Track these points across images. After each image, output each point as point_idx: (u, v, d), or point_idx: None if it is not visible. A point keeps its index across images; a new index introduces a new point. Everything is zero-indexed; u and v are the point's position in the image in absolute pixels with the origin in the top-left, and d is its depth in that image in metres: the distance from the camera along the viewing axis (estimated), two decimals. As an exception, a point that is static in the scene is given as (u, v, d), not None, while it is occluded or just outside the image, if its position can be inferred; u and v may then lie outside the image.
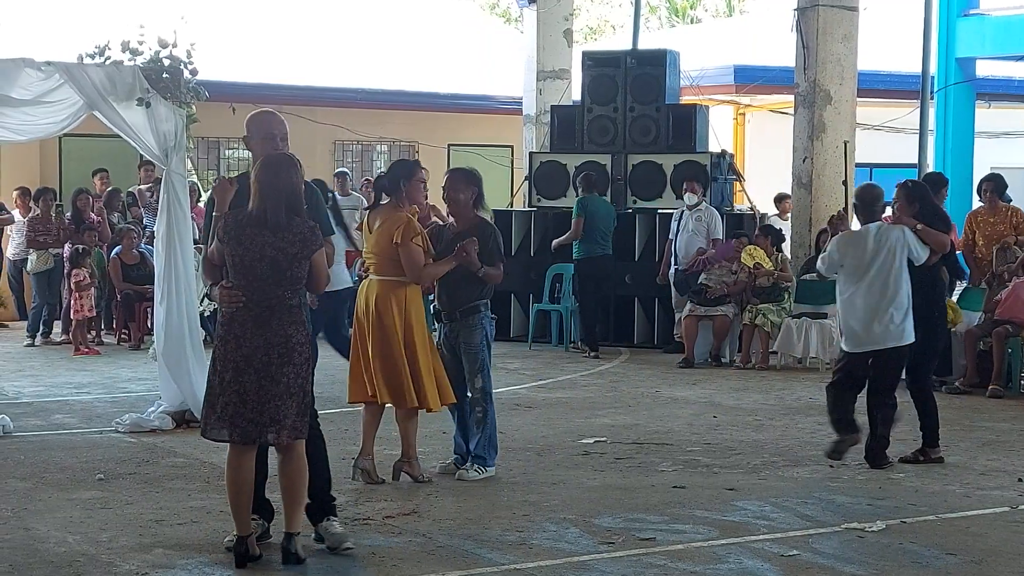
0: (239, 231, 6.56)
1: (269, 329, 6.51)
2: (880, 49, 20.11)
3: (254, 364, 6.51)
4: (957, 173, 19.72)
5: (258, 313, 6.53)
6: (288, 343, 6.52)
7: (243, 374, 6.52)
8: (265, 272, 6.52)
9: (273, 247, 6.50)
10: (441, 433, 10.03)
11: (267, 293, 6.53)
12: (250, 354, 6.52)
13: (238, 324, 6.56)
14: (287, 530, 6.64)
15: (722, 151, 16.73)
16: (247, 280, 6.55)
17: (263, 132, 7.07)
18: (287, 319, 6.54)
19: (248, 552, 6.60)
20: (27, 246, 16.71)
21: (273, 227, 6.50)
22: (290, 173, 6.56)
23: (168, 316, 10.46)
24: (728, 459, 9.49)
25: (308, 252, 6.55)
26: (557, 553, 6.95)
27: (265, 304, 6.53)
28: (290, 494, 6.63)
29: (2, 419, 10.21)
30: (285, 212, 6.50)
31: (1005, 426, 10.92)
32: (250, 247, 6.52)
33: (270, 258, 6.51)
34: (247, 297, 6.54)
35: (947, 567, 6.79)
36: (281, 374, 6.50)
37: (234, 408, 6.53)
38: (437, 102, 21.27)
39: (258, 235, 6.51)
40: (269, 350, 6.50)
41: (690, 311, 14.83)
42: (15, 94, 10.03)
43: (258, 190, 6.55)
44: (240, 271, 6.57)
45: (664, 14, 43.15)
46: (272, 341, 6.51)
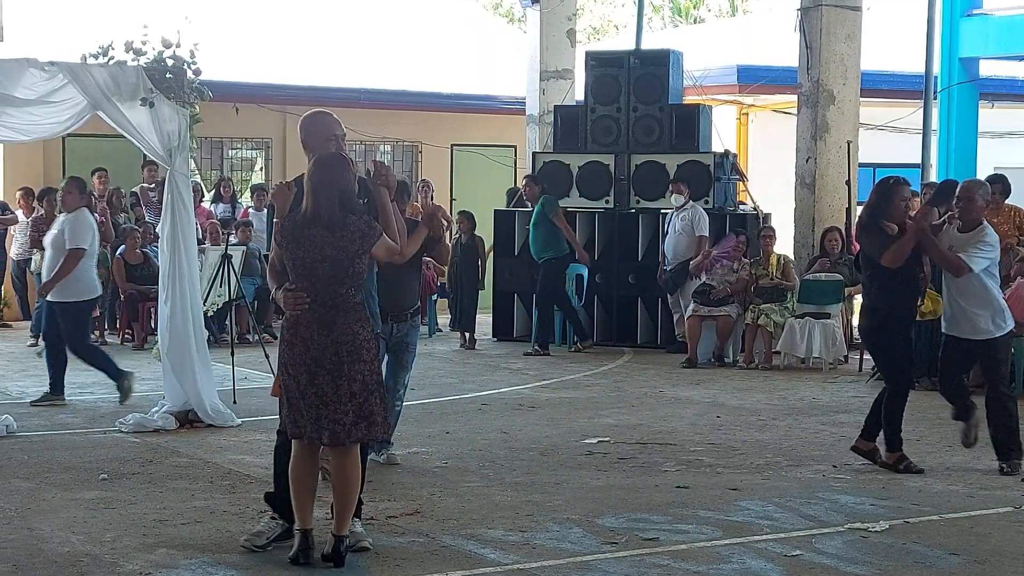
0: (297, 233, 6.58)
1: (336, 328, 6.51)
2: (883, 49, 20.10)
3: (325, 366, 6.51)
4: (960, 173, 19.63)
5: (323, 314, 6.53)
6: (356, 340, 6.53)
7: (316, 376, 6.52)
8: (327, 272, 6.53)
9: (332, 246, 6.51)
10: (444, 433, 10.06)
11: (331, 292, 6.54)
12: (319, 356, 6.51)
13: (304, 327, 6.55)
14: (337, 532, 6.61)
15: (725, 151, 16.71)
16: (310, 281, 6.56)
17: (325, 133, 7.00)
18: (352, 317, 6.55)
19: (312, 546, 6.60)
20: (31, 246, 16.71)
21: (329, 226, 6.51)
22: (342, 171, 6.59)
23: (172, 316, 10.48)
24: (731, 459, 9.49)
25: (367, 247, 6.56)
26: (560, 553, 6.95)
27: (330, 304, 6.54)
28: (342, 495, 6.62)
29: (6, 419, 10.22)
30: (340, 210, 6.52)
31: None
32: (310, 248, 6.54)
33: (331, 258, 6.52)
34: (311, 298, 6.54)
35: (951, 567, 6.78)
36: (355, 371, 6.51)
37: (317, 411, 6.53)
38: (440, 102, 21.26)
39: (316, 235, 6.52)
40: (338, 349, 6.50)
41: (694, 311, 14.83)
42: (19, 94, 10.04)
43: (311, 190, 6.58)
44: (302, 273, 6.59)
45: (667, 14, 43.11)
46: (340, 340, 6.51)
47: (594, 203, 16.52)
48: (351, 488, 6.63)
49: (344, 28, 22.59)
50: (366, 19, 23.25)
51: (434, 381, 13.29)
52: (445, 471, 8.89)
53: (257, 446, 9.68)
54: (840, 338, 14.34)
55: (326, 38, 21.95)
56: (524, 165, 19.71)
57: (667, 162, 16.08)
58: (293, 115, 19.99)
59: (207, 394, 10.53)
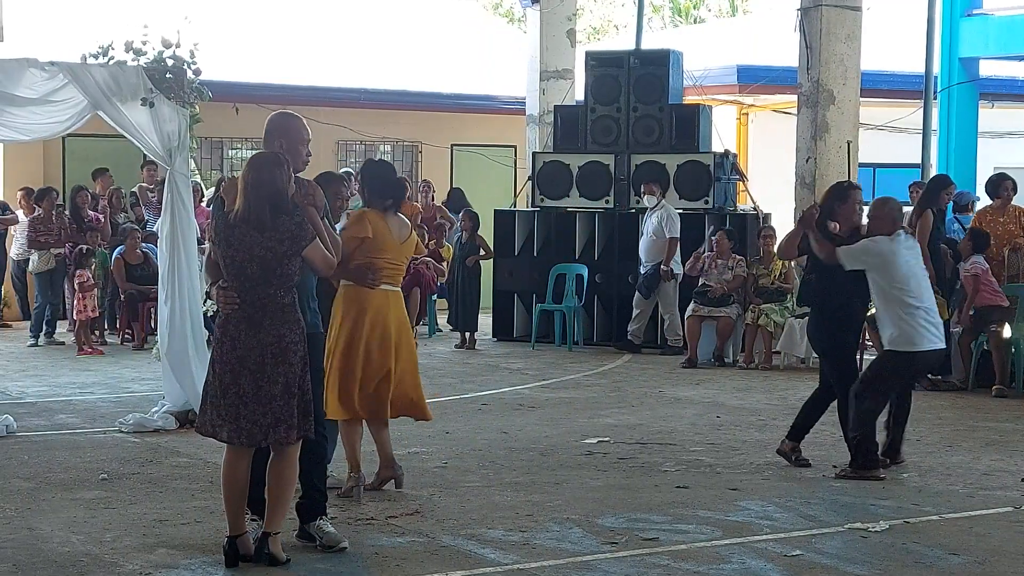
0: (228, 231, 6.56)
1: (262, 329, 6.50)
2: (883, 49, 20.10)
3: (248, 365, 6.50)
4: (960, 173, 19.67)
5: (251, 314, 6.52)
6: (281, 343, 6.50)
7: (240, 376, 6.52)
8: (255, 272, 6.50)
9: (261, 246, 6.47)
10: (444, 433, 10.06)
11: (258, 293, 6.51)
12: (244, 355, 6.51)
13: (232, 325, 6.57)
14: (266, 529, 6.63)
15: (725, 151, 16.71)
16: (239, 280, 6.55)
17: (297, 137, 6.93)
18: (280, 319, 6.52)
19: (238, 552, 6.60)
20: (29, 246, 16.72)
21: (258, 226, 6.47)
22: (273, 171, 6.52)
23: (172, 316, 10.47)
24: (731, 459, 9.49)
25: (298, 249, 6.51)
26: (560, 553, 6.95)
27: (258, 304, 6.52)
28: (275, 494, 6.62)
29: (6, 419, 10.22)
30: (269, 211, 6.46)
31: (1008, 426, 10.91)
32: (239, 247, 6.51)
33: (259, 258, 6.48)
34: (240, 298, 6.53)
35: (951, 567, 6.78)
36: (277, 374, 6.49)
37: (235, 410, 6.53)
38: (440, 102, 21.25)
39: (246, 235, 6.49)
40: (263, 350, 6.49)
41: (693, 311, 14.83)
42: (20, 94, 10.04)
43: (242, 188, 6.54)
44: (232, 272, 6.57)
45: (667, 14, 43.12)
46: (265, 341, 6.49)
47: (594, 203, 16.52)
48: (283, 486, 6.60)
49: (344, 28, 22.58)
50: (366, 19, 23.25)
51: (434, 381, 13.28)
52: (445, 471, 8.89)
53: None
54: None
55: (326, 38, 21.94)
56: (524, 165, 19.71)
57: (667, 162, 16.08)
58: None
59: (207, 394, 10.52)
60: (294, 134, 6.95)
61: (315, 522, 6.98)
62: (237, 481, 6.64)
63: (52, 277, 16.45)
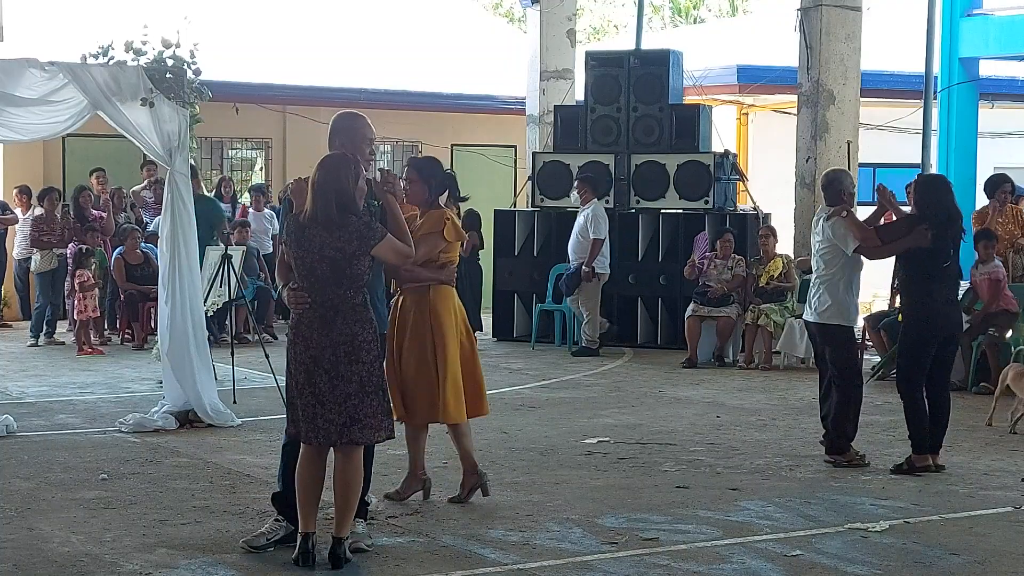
0: (298, 232, 6.60)
1: (335, 329, 6.53)
2: (883, 49, 20.09)
3: (323, 365, 6.52)
4: (960, 173, 19.66)
5: (323, 313, 6.55)
6: (354, 341, 6.53)
7: (314, 376, 6.54)
8: (326, 272, 6.54)
9: (331, 247, 6.52)
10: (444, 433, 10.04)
11: (329, 293, 6.55)
12: (318, 355, 6.53)
13: (305, 325, 6.59)
14: (336, 534, 6.59)
15: (725, 151, 16.71)
16: (310, 281, 6.59)
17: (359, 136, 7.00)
18: (352, 318, 6.55)
19: (312, 551, 6.58)
20: (31, 246, 16.72)
21: (327, 226, 6.52)
22: (341, 172, 6.57)
23: (172, 316, 10.47)
24: (731, 459, 9.49)
25: (366, 248, 6.55)
26: (560, 553, 6.95)
27: (329, 304, 6.55)
28: (342, 498, 6.60)
29: (6, 419, 10.22)
30: (337, 210, 6.50)
31: (1008, 426, 10.90)
32: (309, 248, 6.56)
33: (329, 258, 6.53)
34: (311, 298, 6.56)
35: (951, 567, 6.78)
36: (351, 372, 6.52)
37: (312, 410, 6.55)
38: (440, 102, 21.26)
39: (316, 235, 6.54)
40: (336, 350, 6.52)
41: (694, 311, 14.84)
42: (19, 94, 10.04)
43: (312, 189, 6.59)
44: (303, 272, 6.61)
45: (667, 14, 43.11)
46: (338, 340, 6.52)
47: (594, 203, 16.50)
48: (351, 491, 6.60)
49: (344, 28, 22.58)
50: (366, 19, 23.25)
51: (434, 381, 13.28)
52: (445, 471, 8.88)
53: (257, 446, 9.68)
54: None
55: (326, 38, 21.93)
56: (524, 165, 19.71)
57: (667, 162, 16.08)
58: (293, 115, 20.08)
59: (207, 394, 10.53)
60: (354, 133, 7.03)
61: None
62: (312, 480, 6.64)
63: (54, 277, 16.46)
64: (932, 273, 9.10)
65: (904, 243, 9.16)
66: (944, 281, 9.17)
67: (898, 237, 9.23)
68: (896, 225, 9.50)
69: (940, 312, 9.12)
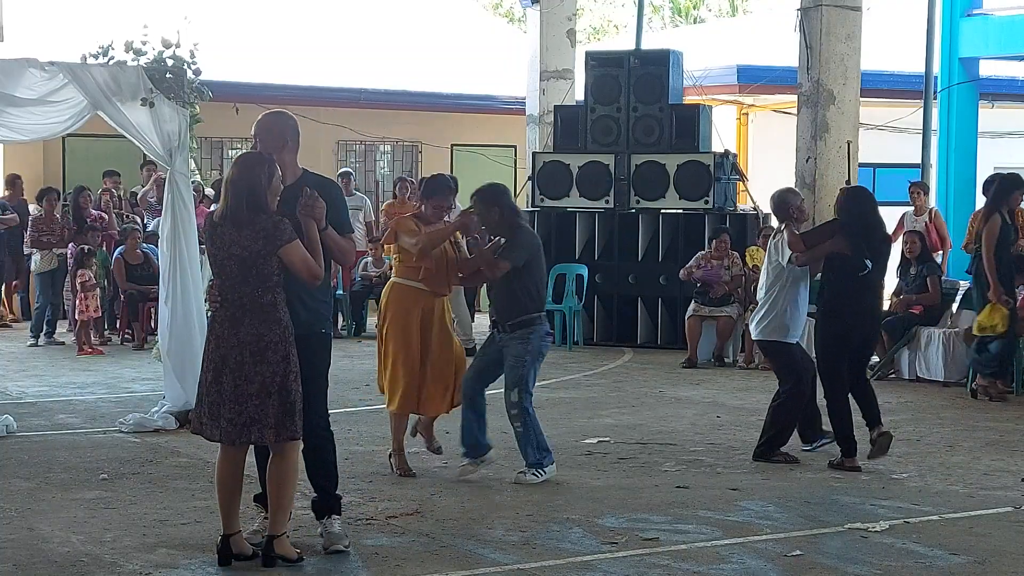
0: (212, 230, 6.58)
1: (242, 328, 6.48)
2: (883, 49, 20.10)
3: (229, 364, 6.49)
4: (960, 174, 19.70)
5: (232, 312, 6.52)
6: (260, 342, 6.47)
7: (221, 374, 6.51)
8: (234, 270, 6.50)
9: (238, 245, 6.47)
10: (444, 433, 10.03)
11: (238, 292, 6.50)
12: (226, 354, 6.51)
13: (218, 324, 6.58)
14: (270, 532, 6.60)
15: (725, 151, 16.71)
16: (221, 279, 6.57)
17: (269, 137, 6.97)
18: (259, 318, 6.48)
19: (231, 551, 6.59)
20: (31, 246, 16.71)
21: (235, 224, 6.47)
22: (254, 170, 6.51)
23: (172, 316, 10.48)
24: (731, 459, 9.49)
25: (272, 248, 6.46)
26: (560, 553, 6.95)
27: (238, 303, 6.51)
28: (274, 496, 6.58)
29: (6, 419, 10.22)
30: (247, 208, 6.45)
31: (1009, 426, 10.92)
32: (221, 246, 6.53)
33: (237, 256, 6.48)
34: (222, 296, 6.54)
35: (951, 567, 6.78)
36: (255, 373, 6.46)
37: (216, 408, 6.53)
38: (440, 102, 21.27)
39: (227, 233, 6.50)
40: (242, 349, 6.47)
41: (694, 311, 14.84)
42: (19, 94, 10.04)
43: (225, 187, 6.57)
44: (216, 270, 6.61)
45: (667, 14, 43.12)
46: (245, 340, 6.47)
47: (594, 203, 16.52)
48: (282, 488, 6.56)
49: (344, 28, 22.58)
50: (366, 19, 23.25)
51: (434, 381, 13.29)
52: (445, 471, 8.89)
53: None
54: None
55: (326, 38, 21.94)
56: (524, 165, 19.71)
57: (667, 162, 16.08)
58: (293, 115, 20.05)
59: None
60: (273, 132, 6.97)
61: (325, 520, 6.94)
62: (227, 479, 6.62)
63: (54, 277, 16.46)
64: (849, 281, 9.28)
65: (823, 248, 9.37)
66: (862, 290, 9.32)
67: (819, 243, 9.42)
68: (818, 231, 9.71)
69: (851, 321, 9.29)
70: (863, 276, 9.23)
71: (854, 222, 9.35)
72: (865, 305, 9.36)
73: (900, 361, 13.55)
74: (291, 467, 6.60)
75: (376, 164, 21.75)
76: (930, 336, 13.36)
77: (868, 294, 9.38)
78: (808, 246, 9.40)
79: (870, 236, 9.34)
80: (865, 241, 9.29)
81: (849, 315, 9.26)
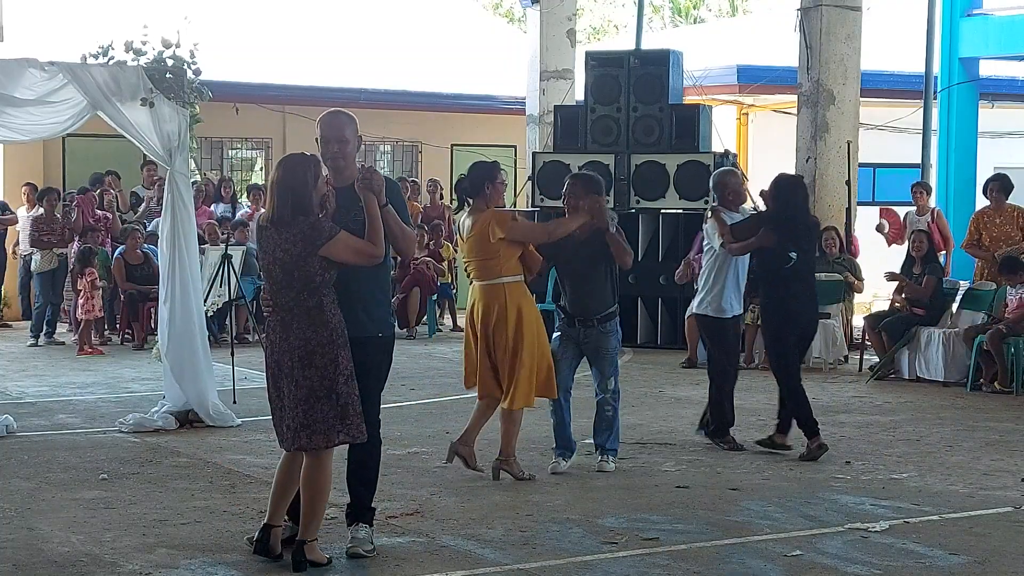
0: (259, 234, 6.57)
1: (291, 333, 6.44)
2: (883, 49, 20.11)
3: (284, 369, 6.48)
4: (960, 173, 19.69)
5: (282, 317, 6.49)
6: (307, 346, 6.40)
7: (277, 380, 6.52)
8: (278, 275, 6.47)
9: (280, 248, 6.43)
10: (444, 433, 10.04)
11: (283, 296, 6.46)
12: (279, 359, 6.49)
13: (270, 329, 6.57)
14: (300, 537, 6.56)
15: (725, 151, 16.70)
16: (269, 284, 6.57)
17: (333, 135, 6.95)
18: (305, 322, 6.42)
19: (269, 542, 6.59)
20: (31, 246, 16.72)
21: (278, 227, 6.43)
22: (299, 171, 6.44)
23: (172, 316, 10.47)
24: (731, 459, 9.49)
25: (312, 249, 6.38)
26: (561, 553, 6.95)
27: (285, 308, 6.47)
28: (307, 503, 6.52)
29: (6, 419, 10.22)
30: (291, 210, 6.39)
31: (1008, 426, 10.91)
32: (266, 250, 6.51)
33: (280, 260, 6.44)
34: (273, 302, 6.52)
35: (951, 567, 6.78)
36: (304, 378, 6.40)
37: (278, 414, 6.56)
38: (440, 102, 21.27)
39: (270, 237, 6.47)
40: (292, 354, 6.43)
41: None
42: (19, 94, 10.04)
43: (270, 190, 6.53)
44: (264, 275, 6.61)
45: (667, 14, 43.12)
46: (294, 345, 6.42)
47: (594, 203, 16.49)
48: (315, 495, 6.51)
49: (344, 28, 22.58)
50: (366, 19, 23.25)
51: (434, 381, 13.29)
52: (445, 471, 8.89)
53: (257, 446, 9.68)
54: (840, 338, 14.35)
55: (326, 38, 21.95)
56: (524, 165, 19.71)
57: (667, 162, 16.08)
58: (293, 115, 20.05)
59: (207, 394, 10.53)
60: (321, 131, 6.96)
61: (352, 525, 6.88)
62: (281, 482, 6.62)
63: (54, 277, 16.46)
64: (780, 272, 9.51)
65: (751, 243, 9.58)
66: (795, 279, 9.55)
67: (747, 237, 9.59)
68: (746, 224, 9.81)
69: (793, 309, 9.59)
70: (791, 267, 9.49)
71: (779, 213, 9.60)
72: (806, 293, 9.65)
73: (900, 361, 13.55)
74: (326, 474, 6.53)
75: (376, 164, 21.76)
76: (930, 336, 13.36)
77: (797, 284, 9.60)
78: (737, 239, 9.61)
79: (795, 226, 9.57)
80: (790, 232, 9.51)
81: (784, 307, 9.55)
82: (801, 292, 9.60)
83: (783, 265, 9.46)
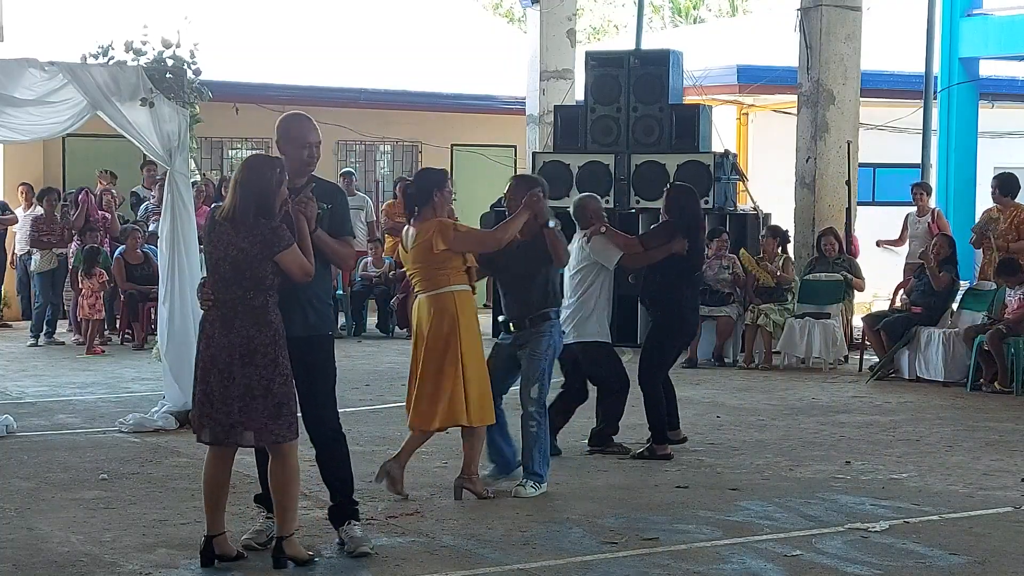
0: (212, 229, 6.56)
1: (232, 330, 6.45)
2: (883, 49, 20.10)
3: (218, 365, 6.46)
4: (960, 174, 19.70)
5: (223, 313, 6.49)
6: (250, 344, 6.43)
7: (209, 374, 6.50)
8: (227, 272, 6.47)
9: (235, 247, 6.45)
10: (444, 433, 10.02)
11: (230, 293, 6.47)
12: (216, 354, 6.48)
13: (208, 324, 6.56)
14: (276, 534, 6.59)
15: (725, 151, 16.70)
16: (214, 279, 6.55)
17: (300, 140, 6.92)
18: (250, 320, 6.44)
19: (215, 552, 6.57)
20: (31, 245, 16.71)
21: (236, 225, 6.45)
22: (266, 174, 6.47)
23: (171, 316, 10.48)
24: (731, 459, 9.49)
25: (269, 253, 6.43)
26: (560, 553, 6.95)
27: (229, 304, 6.48)
28: (278, 499, 6.56)
29: (5, 419, 10.22)
30: (253, 212, 6.43)
31: (1008, 426, 10.91)
32: (218, 245, 6.51)
33: (232, 258, 6.45)
34: (214, 296, 6.52)
35: (951, 567, 6.78)
36: (242, 375, 6.42)
37: (203, 409, 6.52)
38: (440, 102, 21.26)
39: (225, 234, 6.48)
40: (231, 351, 6.44)
41: (694, 311, 14.83)
42: (19, 94, 10.04)
43: (231, 187, 6.53)
44: (209, 270, 6.59)
45: (667, 14, 43.12)
46: (234, 342, 6.44)
47: (594, 203, 16.49)
48: (283, 491, 6.52)
49: (343, 28, 22.58)
50: (366, 19, 23.25)
51: (434, 381, 13.27)
52: (445, 471, 8.88)
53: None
54: (840, 338, 14.35)
55: (326, 38, 21.94)
56: (524, 165, 19.70)
57: (667, 162, 16.06)
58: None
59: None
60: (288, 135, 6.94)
61: (343, 527, 6.89)
62: (213, 479, 6.60)
63: (54, 277, 16.45)
64: (685, 279, 9.60)
65: (665, 250, 9.60)
66: (693, 287, 9.76)
67: (659, 244, 9.63)
68: (657, 232, 9.91)
69: (689, 319, 9.76)
70: (696, 275, 9.71)
71: (690, 222, 9.70)
72: (694, 301, 9.90)
73: (900, 361, 13.55)
74: (291, 469, 6.56)
75: (376, 164, 21.76)
76: (930, 336, 13.36)
77: (693, 290, 9.81)
78: (647, 248, 9.67)
79: (700, 234, 9.81)
80: (696, 239, 9.70)
81: (686, 312, 9.66)
82: (695, 302, 9.91)
83: (693, 272, 9.61)
